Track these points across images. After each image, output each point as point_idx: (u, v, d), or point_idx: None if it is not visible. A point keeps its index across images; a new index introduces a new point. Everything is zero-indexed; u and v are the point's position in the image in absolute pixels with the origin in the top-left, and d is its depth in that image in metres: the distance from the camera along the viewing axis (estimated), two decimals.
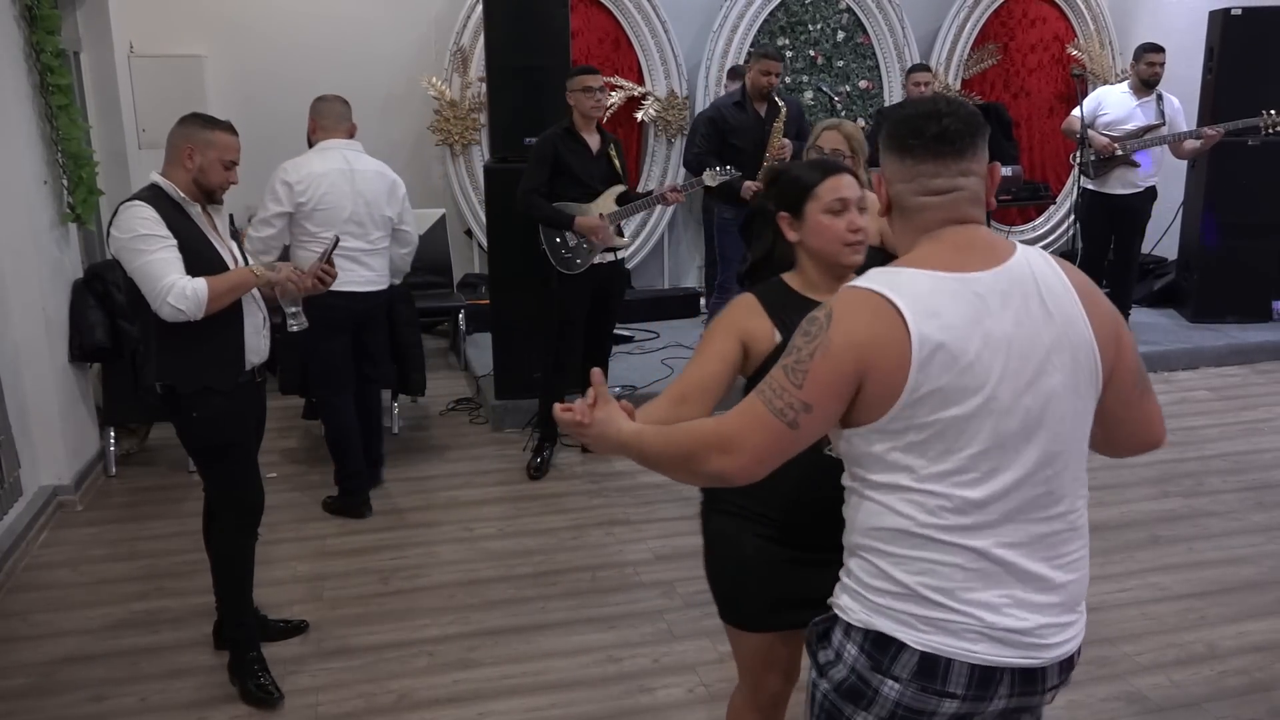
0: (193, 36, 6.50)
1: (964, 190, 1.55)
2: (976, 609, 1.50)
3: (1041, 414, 1.49)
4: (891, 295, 1.47)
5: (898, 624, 1.52)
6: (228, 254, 3.00)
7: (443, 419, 5.50)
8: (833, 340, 1.47)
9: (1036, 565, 1.52)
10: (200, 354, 2.90)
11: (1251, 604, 3.47)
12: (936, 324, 1.45)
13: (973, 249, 1.53)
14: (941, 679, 1.50)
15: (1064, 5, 7.86)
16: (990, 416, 1.47)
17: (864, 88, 7.53)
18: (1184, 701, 2.94)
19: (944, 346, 1.45)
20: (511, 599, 3.57)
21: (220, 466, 3.01)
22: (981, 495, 1.49)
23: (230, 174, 2.94)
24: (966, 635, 1.50)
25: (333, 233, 3.66)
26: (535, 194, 4.49)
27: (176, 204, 2.88)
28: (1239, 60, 6.34)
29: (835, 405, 1.49)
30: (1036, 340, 1.48)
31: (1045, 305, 1.50)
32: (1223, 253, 6.55)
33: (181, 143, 2.88)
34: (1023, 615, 1.51)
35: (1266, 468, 4.65)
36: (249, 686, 2.99)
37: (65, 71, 4.52)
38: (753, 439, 1.50)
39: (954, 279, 1.49)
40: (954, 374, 1.45)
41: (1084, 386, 1.53)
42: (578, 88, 4.45)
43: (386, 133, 6.94)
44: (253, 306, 3.01)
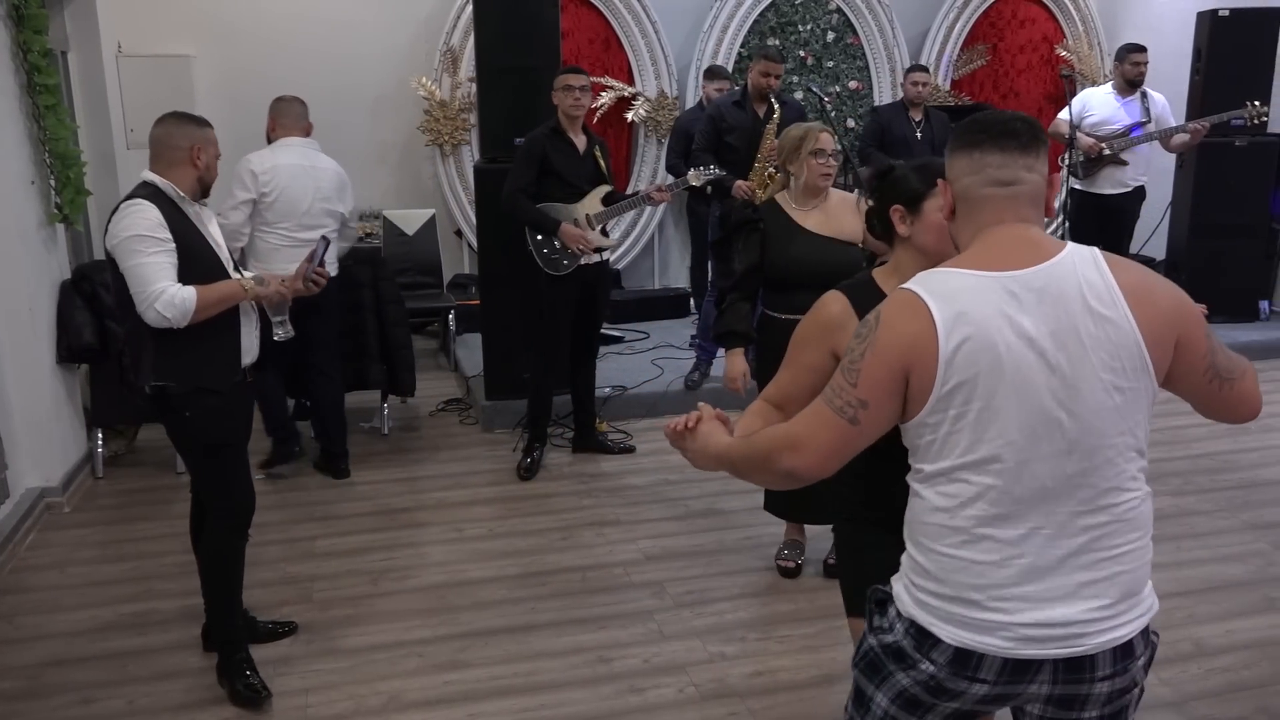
0: (181, 37, 6.48)
1: (1026, 185, 1.63)
2: (1010, 603, 1.56)
3: (1074, 407, 1.53)
4: (923, 294, 1.57)
5: (934, 618, 1.61)
6: (219, 248, 3.00)
7: (432, 419, 5.49)
8: (880, 340, 1.58)
9: (1075, 557, 1.56)
10: (199, 354, 2.89)
11: (1238, 602, 3.49)
12: (962, 319, 1.53)
13: (1016, 247, 1.60)
14: (974, 669, 1.58)
15: (1053, 6, 7.89)
16: (1020, 408, 1.53)
17: (854, 88, 7.54)
18: (1172, 699, 2.95)
19: (970, 340, 1.53)
20: (501, 600, 3.57)
21: (213, 467, 3.00)
22: (1014, 485, 1.55)
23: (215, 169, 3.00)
24: (999, 633, 1.56)
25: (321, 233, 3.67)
26: (522, 194, 4.49)
27: (174, 203, 2.87)
28: (1227, 61, 6.38)
29: (889, 402, 1.59)
30: (1073, 336, 1.53)
31: (1086, 302, 1.54)
32: (1210, 253, 6.58)
33: (185, 143, 2.89)
34: (1059, 608, 1.55)
35: (1253, 467, 4.67)
36: (238, 687, 2.98)
37: (53, 71, 4.50)
38: (819, 437, 1.62)
39: (989, 277, 1.57)
40: (981, 367, 1.53)
41: (1127, 382, 1.55)
42: (559, 86, 4.47)
43: (376, 133, 6.94)
44: (246, 305, 3.01)
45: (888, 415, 1.61)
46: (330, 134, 6.75)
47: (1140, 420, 1.59)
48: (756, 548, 3.91)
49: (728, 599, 3.56)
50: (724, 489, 4.43)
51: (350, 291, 4.95)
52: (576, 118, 4.52)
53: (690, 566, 3.79)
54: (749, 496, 4.27)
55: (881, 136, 6.43)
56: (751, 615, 3.44)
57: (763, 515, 3.84)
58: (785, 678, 3.05)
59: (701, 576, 3.72)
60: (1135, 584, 1.60)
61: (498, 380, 5.24)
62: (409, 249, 6.62)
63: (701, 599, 3.55)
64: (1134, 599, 1.60)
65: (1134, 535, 1.60)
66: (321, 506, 4.37)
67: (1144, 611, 1.62)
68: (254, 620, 3.31)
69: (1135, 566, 1.60)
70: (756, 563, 3.79)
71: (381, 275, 5.05)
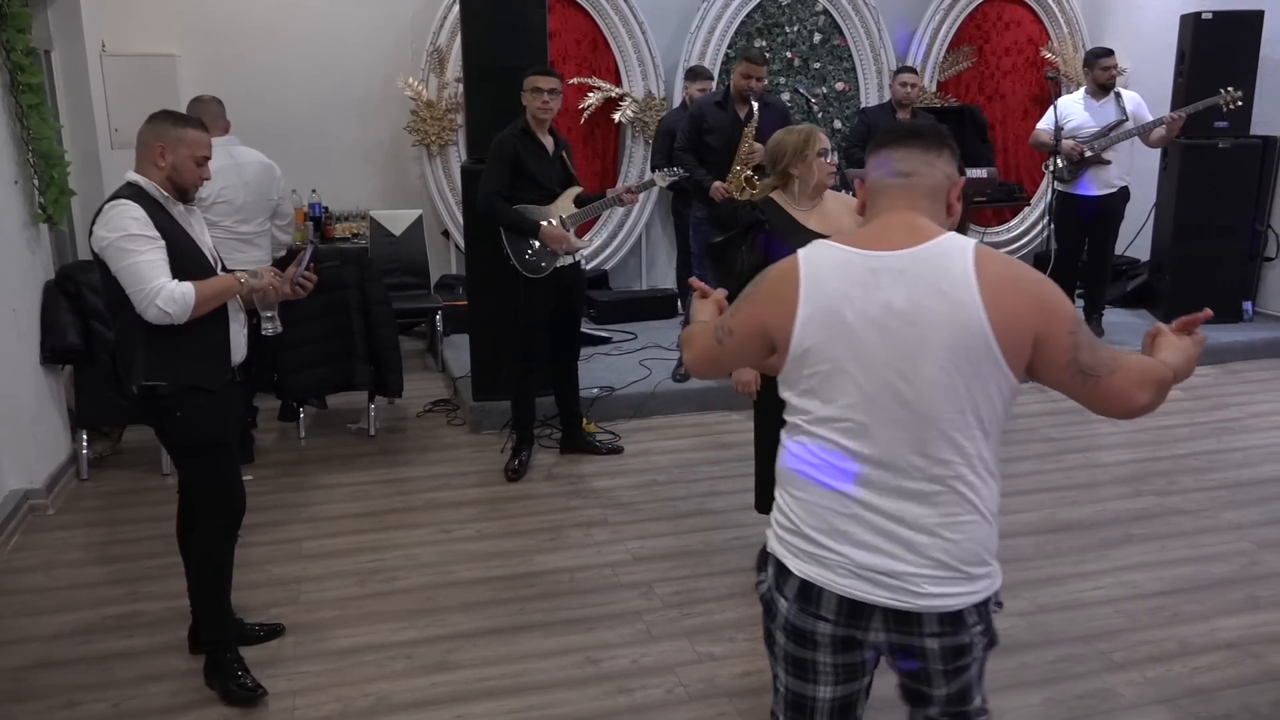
0: (165, 36, 6.44)
1: (924, 178, 1.78)
2: (848, 548, 1.73)
3: (913, 380, 1.67)
4: (801, 262, 1.77)
5: (787, 552, 1.80)
6: (208, 252, 2.99)
7: (420, 420, 5.48)
8: (759, 290, 1.84)
9: (911, 517, 1.70)
10: (190, 353, 2.87)
11: (1223, 601, 3.51)
12: (821, 289, 1.72)
13: (895, 231, 1.74)
14: (815, 604, 1.75)
15: (1038, 9, 7.93)
16: (863, 375, 1.69)
17: (840, 90, 7.56)
18: (1157, 698, 2.97)
19: (823, 309, 1.71)
20: (490, 601, 3.56)
21: (204, 467, 2.99)
22: (857, 446, 1.71)
23: (202, 170, 2.94)
24: (838, 570, 1.74)
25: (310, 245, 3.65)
26: (498, 197, 4.47)
27: (158, 202, 2.86)
28: (1210, 63, 6.41)
29: (750, 342, 1.85)
30: (921, 315, 1.66)
31: (939, 287, 1.66)
32: (1194, 254, 6.62)
33: (153, 141, 2.87)
34: (890, 561, 1.70)
35: (1237, 466, 4.71)
36: (230, 687, 2.97)
37: (36, 70, 4.47)
38: (697, 342, 2.01)
39: (858, 254, 1.73)
40: (830, 334, 1.71)
41: (968, 365, 1.65)
42: (528, 88, 4.43)
43: (363, 133, 6.92)
44: (234, 304, 3.00)
45: (745, 351, 1.87)
46: (316, 134, 6.77)
47: (984, 403, 1.68)
48: (745, 548, 3.91)
49: (716, 599, 3.56)
50: (712, 490, 4.44)
51: (336, 292, 4.94)
52: (545, 120, 4.50)
53: (679, 567, 3.79)
54: (738, 497, 4.28)
55: (868, 138, 6.43)
56: (740, 615, 3.44)
57: (752, 515, 3.84)
58: None
59: (690, 577, 3.72)
60: (968, 556, 1.71)
61: (485, 381, 5.23)
62: (396, 249, 6.60)
63: (690, 599, 3.56)
64: (965, 570, 1.71)
65: (964, 509, 1.70)
66: (309, 508, 4.36)
67: (977, 589, 1.73)
68: (241, 622, 3.29)
69: (965, 539, 1.71)
70: (745, 563, 3.79)
71: (368, 276, 5.04)
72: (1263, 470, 4.66)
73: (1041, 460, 4.78)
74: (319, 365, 4.97)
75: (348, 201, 6.85)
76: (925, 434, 1.68)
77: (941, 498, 1.69)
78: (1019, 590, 3.58)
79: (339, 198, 6.81)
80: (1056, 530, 4.06)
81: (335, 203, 6.78)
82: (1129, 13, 7.83)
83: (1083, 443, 5.03)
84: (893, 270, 1.69)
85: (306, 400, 5.27)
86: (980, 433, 1.69)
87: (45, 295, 4.55)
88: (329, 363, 4.98)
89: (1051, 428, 5.21)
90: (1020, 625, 3.36)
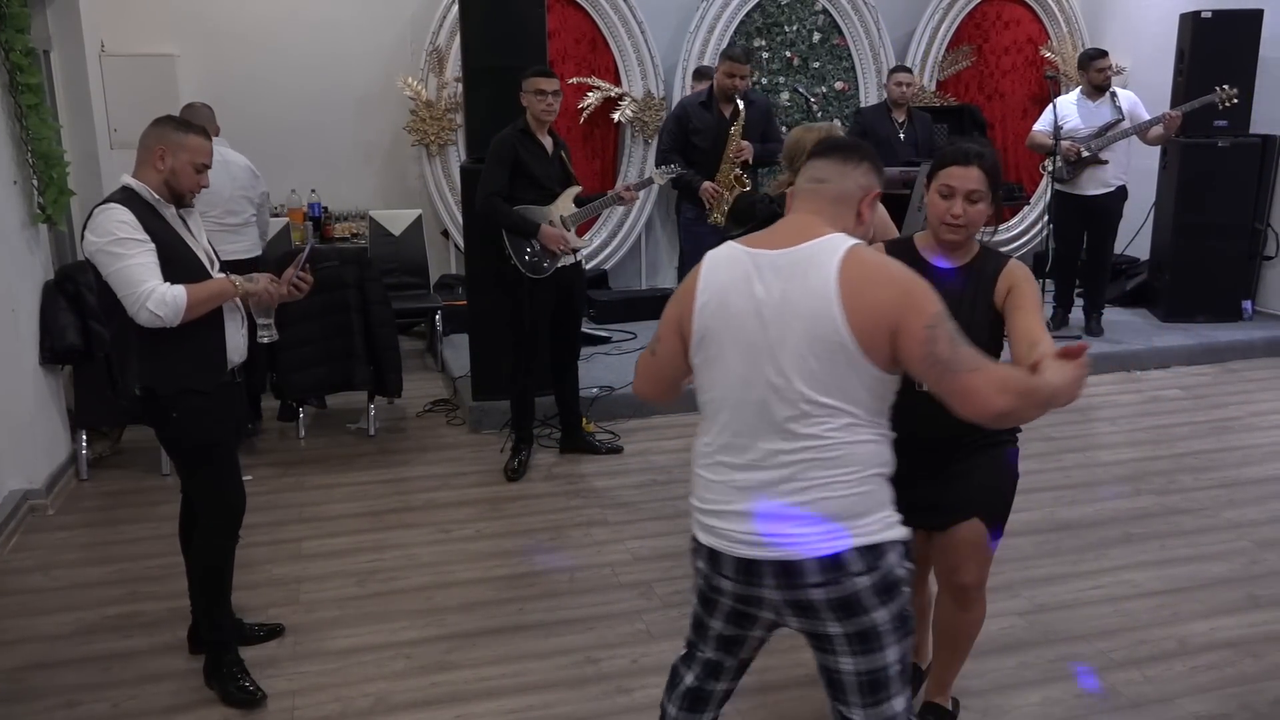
0: (165, 36, 6.45)
1: (834, 185, 2.00)
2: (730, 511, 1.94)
3: (780, 365, 1.88)
4: (706, 258, 2.01)
5: (696, 526, 2.03)
6: (203, 255, 2.97)
7: (419, 420, 5.48)
8: (678, 290, 2.06)
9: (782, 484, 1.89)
10: (183, 356, 2.87)
11: (1222, 600, 3.51)
12: (715, 282, 1.96)
13: (788, 231, 1.96)
14: (718, 565, 1.97)
15: (1037, 8, 7.93)
16: (739, 359, 1.92)
17: (840, 89, 7.56)
18: (1156, 697, 2.97)
19: (713, 300, 1.95)
20: (489, 601, 3.56)
21: (204, 468, 2.99)
22: (735, 421, 1.94)
23: (201, 177, 2.93)
24: (724, 533, 1.95)
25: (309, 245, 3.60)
26: (497, 197, 4.47)
27: (150, 206, 2.85)
28: (1209, 62, 6.42)
29: (673, 339, 2.05)
30: (789, 308, 1.87)
31: (808, 283, 1.86)
32: (1193, 253, 6.62)
33: (154, 144, 2.86)
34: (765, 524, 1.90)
35: (1237, 465, 4.71)
36: (230, 689, 2.97)
37: (35, 70, 4.47)
38: (640, 364, 2.21)
39: (749, 252, 1.96)
40: (717, 323, 1.95)
41: (825, 352, 1.85)
42: (530, 90, 4.44)
43: (362, 133, 6.93)
44: (232, 306, 2.99)
45: (675, 349, 2.05)
46: (315, 134, 6.77)
47: (844, 386, 1.87)
48: None
49: None
50: None
51: (336, 292, 4.95)
52: (546, 122, 4.51)
53: (678, 567, 3.78)
54: None
55: (864, 138, 6.45)
56: None
57: None
58: (773, 677, 3.05)
59: (689, 576, 3.68)
60: (838, 510, 1.88)
61: (485, 381, 5.22)
62: (395, 249, 6.60)
63: (690, 599, 3.54)
64: (834, 523, 1.88)
65: (829, 471, 1.88)
66: (308, 508, 4.36)
67: (845, 536, 1.88)
68: (241, 623, 3.29)
69: (833, 496, 1.88)
70: None
71: (368, 275, 5.04)
72: (1262, 469, 4.66)
73: (1041, 459, 4.78)
74: (318, 365, 4.97)
75: (347, 201, 6.85)
76: (790, 412, 1.87)
77: (808, 465, 1.88)
78: (1018, 589, 3.58)
79: (338, 197, 6.81)
80: (1056, 529, 4.06)
81: (334, 202, 6.79)
82: (1128, 11, 7.83)
83: (1082, 442, 5.03)
84: (774, 267, 1.91)
85: (306, 400, 5.27)
86: (843, 411, 1.87)
87: (44, 295, 4.55)
88: (328, 362, 4.98)
89: (1051, 427, 5.20)
90: (1020, 624, 3.36)
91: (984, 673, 3.09)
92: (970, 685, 3.02)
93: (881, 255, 1.94)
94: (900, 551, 1.94)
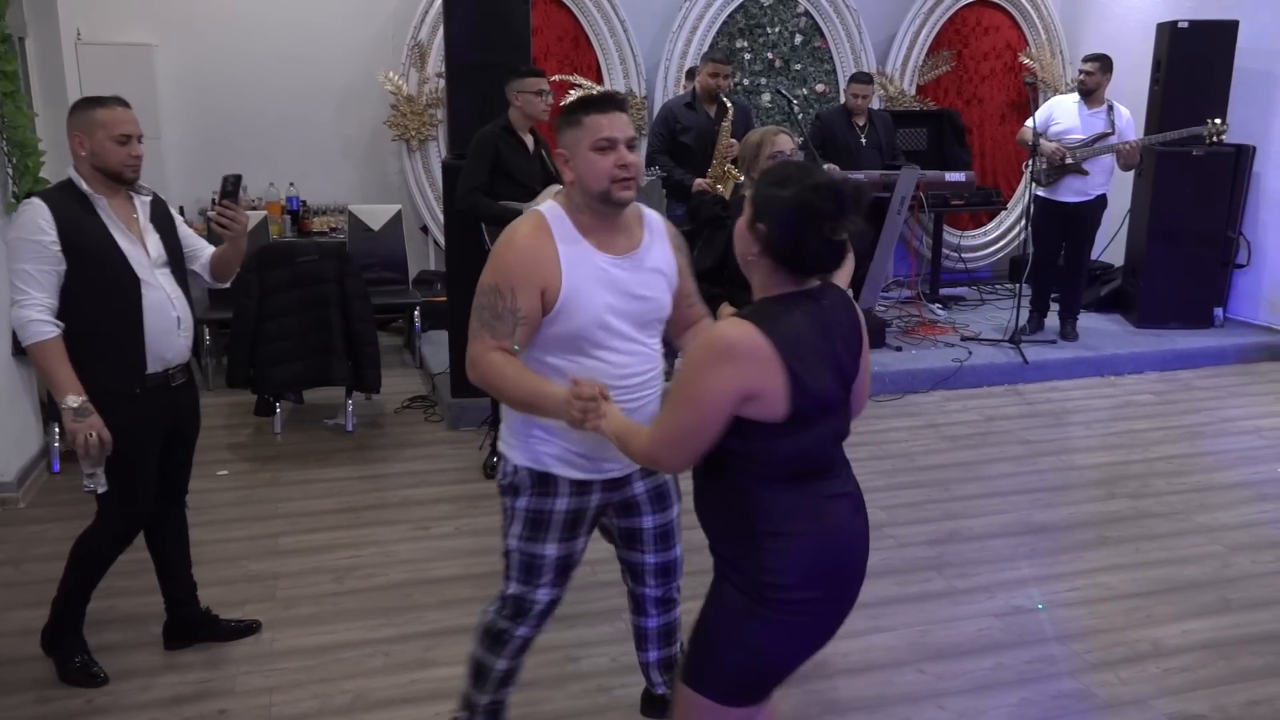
0: (142, 25, 6.37)
1: None
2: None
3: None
4: None
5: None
6: (139, 249, 2.83)
7: (397, 417, 5.45)
8: None
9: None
10: (96, 355, 2.76)
11: (1195, 603, 3.56)
12: None
13: None
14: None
15: (1016, 14, 8.00)
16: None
17: (821, 91, 7.59)
18: (1131, 699, 3.00)
19: None
20: (468, 598, 3.54)
21: (118, 469, 2.85)
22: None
23: (128, 149, 2.77)
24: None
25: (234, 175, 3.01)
26: (477, 192, 4.49)
27: (84, 199, 2.76)
28: (1185, 72, 6.50)
29: None
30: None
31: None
32: (1167, 260, 6.70)
33: (71, 132, 2.77)
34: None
35: (1208, 470, 4.77)
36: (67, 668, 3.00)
37: (11, 57, 4.40)
38: None
39: None
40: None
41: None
42: (530, 90, 4.46)
43: (342, 127, 6.88)
44: (165, 305, 2.86)
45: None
46: (294, 127, 6.72)
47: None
48: None
49: (696, 597, 3.51)
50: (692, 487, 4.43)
51: (314, 286, 4.91)
52: (533, 120, 4.54)
53: None
54: None
55: (822, 142, 6.46)
56: None
57: None
58: None
59: None
60: None
61: (464, 378, 5.17)
62: (374, 244, 6.56)
63: None
64: None
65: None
66: (285, 504, 4.32)
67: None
68: (216, 618, 3.26)
69: None
70: None
71: (347, 270, 5.01)
72: (1234, 474, 4.72)
73: (1016, 463, 4.82)
74: (296, 360, 4.93)
75: (326, 195, 6.80)
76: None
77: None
78: (994, 591, 3.61)
79: (317, 191, 6.76)
80: (1031, 532, 4.10)
81: (313, 196, 6.73)
82: (1105, 20, 7.91)
83: (1057, 445, 5.07)
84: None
85: (283, 395, 5.23)
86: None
87: None
88: (306, 357, 4.94)
89: (1026, 430, 5.25)
90: (996, 626, 3.39)
91: (960, 674, 3.11)
92: (947, 686, 3.05)
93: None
94: None
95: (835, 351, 1.91)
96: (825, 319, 1.91)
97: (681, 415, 1.87)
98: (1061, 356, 6.21)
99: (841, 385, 1.94)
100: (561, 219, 2.24)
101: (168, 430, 2.99)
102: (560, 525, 2.39)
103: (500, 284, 2.17)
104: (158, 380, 2.89)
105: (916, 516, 4.23)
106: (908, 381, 5.88)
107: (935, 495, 4.45)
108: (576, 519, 2.40)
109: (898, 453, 4.95)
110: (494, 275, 2.19)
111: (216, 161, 6.55)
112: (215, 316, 5.79)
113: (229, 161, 6.55)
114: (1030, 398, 5.82)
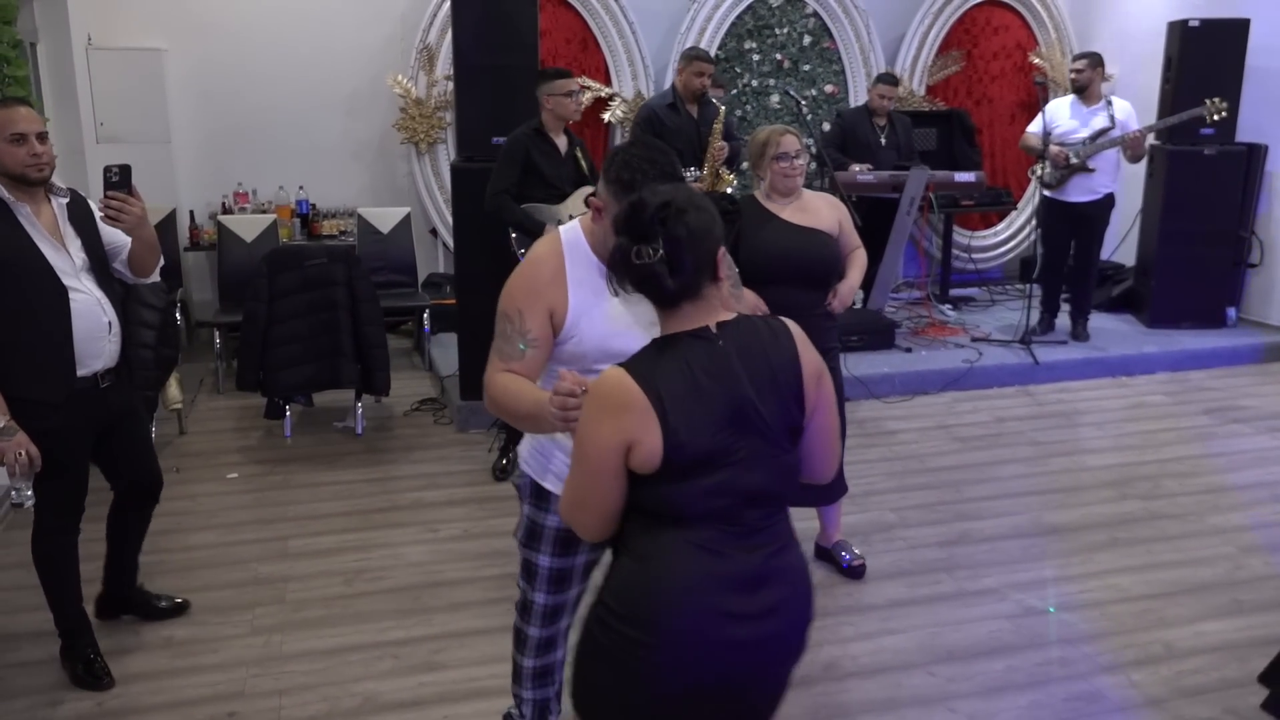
0: (152, 29, 6.40)
1: None
2: None
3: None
4: None
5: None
6: (63, 256, 2.79)
7: (407, 419, 5.46)
8: None
9: None
10: (19, 360, 2.73)
11: (1208, 605, 3.53)
12: None
13: None
14: None
15: (1026, 14, 7.97)
16: None
17: (829, 92, 7.57)
18: (1143, 701, 2.98)
19: None
20: (477, 601, 3.55)
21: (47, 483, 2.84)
22: None
23: (28, 147, 2.67)
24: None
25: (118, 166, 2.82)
26: (505, 195, 4.48)
27: (4, 206, 2.71)
28: (1196, 70, 6.46)
29: None
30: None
31: None
32: (1179, 260, 6.67)
33: None
34: None
35: (1221, 471, 4.74)
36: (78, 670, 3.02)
37: (22, 63, 4.44)
38: None
39: None
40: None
41: None
42: (560, 91, 4.47)
43: (351, 130, 6.89)
44: (95, 311, 2.82)
45: None
46: (304, 130, 6.73)
47: None
48: None
49: None
50: None
51: (323, 289, 4.93)
52: (575, 120, 4.55)
53: None
54: None
55: (844, 141, 6.46)
56: None
57: None
58: None
59: None
60: None
61: (473, 380, 5.20)
62: (384, 247, 6.57)
63: None
64: None
65: None
66: (294, 506, 4.33)
67: None
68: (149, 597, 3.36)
69: None
70: None
71: (356, 273, 5.02)
72: (1246, 475, 4.69)
73: (1027, 464, 4.80)
74: (305, 363, 4.95)
75: (335, 198, 6.82)
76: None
77: None
78: (1005, 593, 3.59)
79: (326, 195, 6.78)
80: (1043, 534, 4.08)
81: (322, 200, 6.75)
82: (1116, 19, 7.88)
83: (1068, 446, 5.05)
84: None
85: (293, 398, 5.24)
86: None
87: None
88: (316, 360, 4.96)
89: (1037, 431, 5.23)
90: (1007, 628, 3.37)
91: (971, 676, 3.10)
92: (958, 689, 3.03)
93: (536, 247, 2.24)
94: None
95: (737, 397, 1.71)
96: (721, 363, 1.71)
97: (574, 473, 1.78)
98: (1072, 357, 6.18)
99: (743, 434, 1.71)
100: (577, 241, 2.23)
101: (101, 429, 2.97)
102: (553, 540, 2.40)
103: (508, 308, 2.16)
104: (86, 384, 2.86)
105: (927, 518, 4.21)
106: (918, 383, 5.86)
107: (946, 496, 4.43)
108: (570, 537, 2.36)
109: (908, 454, 4.93)
110: (506, 299, 2.18)
111: (227, 165, 6.60)
112: (225, 320, 5.81)
113: (240, 165, 6.64)
114: (1041, 399, 5.80)
